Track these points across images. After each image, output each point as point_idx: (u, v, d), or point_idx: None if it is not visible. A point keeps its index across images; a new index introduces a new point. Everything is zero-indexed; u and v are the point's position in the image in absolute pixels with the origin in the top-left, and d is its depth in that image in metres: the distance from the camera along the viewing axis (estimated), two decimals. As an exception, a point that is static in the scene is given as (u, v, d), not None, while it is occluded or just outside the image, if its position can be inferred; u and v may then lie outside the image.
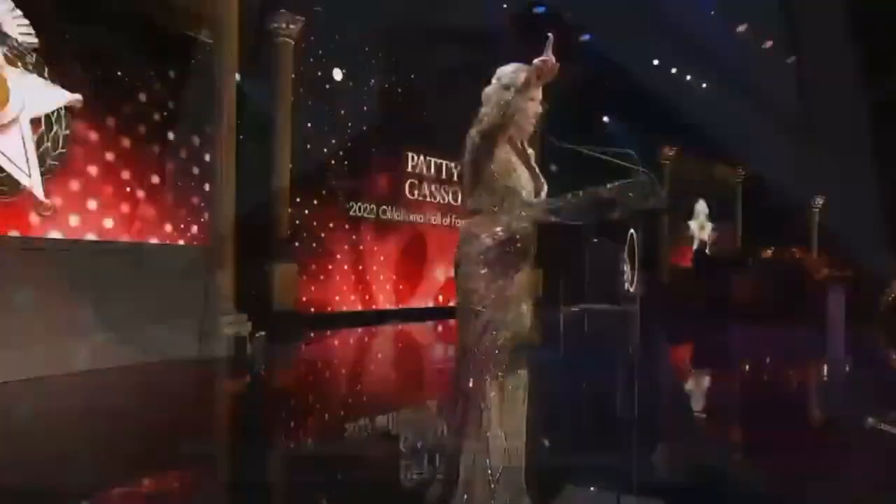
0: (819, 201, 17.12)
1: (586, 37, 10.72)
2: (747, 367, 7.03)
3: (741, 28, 12.06)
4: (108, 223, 5.67)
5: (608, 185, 2.15)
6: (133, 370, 5.31)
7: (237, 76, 6.72)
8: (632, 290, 2.37)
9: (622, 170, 2.18)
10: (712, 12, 10.91)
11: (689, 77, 13.05)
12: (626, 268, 2.37)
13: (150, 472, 3.03)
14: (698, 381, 6.19)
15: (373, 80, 9.43)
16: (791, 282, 12.29)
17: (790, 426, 4.07)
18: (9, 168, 5.05)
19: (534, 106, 2.28)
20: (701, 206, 16.45)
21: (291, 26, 7.89)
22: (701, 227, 16.39)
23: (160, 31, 6.05)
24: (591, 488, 2.68)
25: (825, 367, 7.19)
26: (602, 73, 11.11)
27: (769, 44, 12.60)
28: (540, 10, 9.86)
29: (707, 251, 15.28)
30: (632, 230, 2.46)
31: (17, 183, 5.09)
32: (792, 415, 4.55)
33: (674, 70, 12.80)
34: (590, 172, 2.48)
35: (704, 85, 13.40)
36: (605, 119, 13.32)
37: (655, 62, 12.25)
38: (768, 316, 11.28)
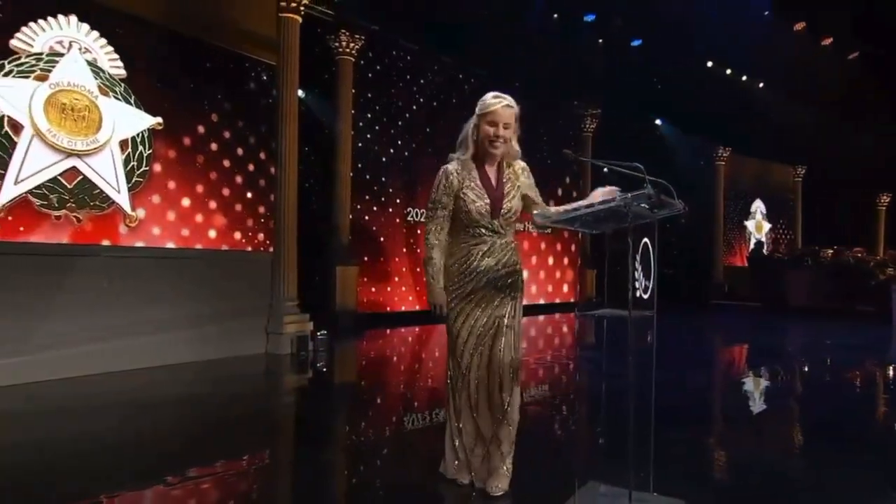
0: (885, 199, 16.47)
1: (636, 41, 10.76)
2: (806, 365, 7.03)
3: (799, 26, 11.81)
4: (185, 232, 6.26)
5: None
6: (209, 365, 5.88)
7: (300, 93, 7.21)
8: (645, 296, 2.57)
9: (636, 181, 2.35)
10: (766, 12, 10.75)
11: (744, 77, 12.85)
12: (640, 275, 2.56)
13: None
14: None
15: (426, 94, 9.83)
16: (851, 281, 12.00)
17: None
18: (101, 185, 5.69)
19: (488, 129, 2.59)
20: (758, 206, 16.12)
21: (352, 45, 8.36)
22: (758, 226, 16.06)
23: (230, 55, 6.61)
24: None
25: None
26: (654, 76, 11.14)
27: (829, 41, 12.28)
28: (589, 17, 9.99)
29: (764, 251, 14.98)
30: (646, 239, 2.63)
31: (108, 198, 5.73)
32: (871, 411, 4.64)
33: (728, 71, 12.64)
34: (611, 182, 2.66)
35: (761, 84, 13.17)
36: (658, 122, 13.28)
37: (709, 63, 12.14)
38: (826, 315, 11.09)
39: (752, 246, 15.55)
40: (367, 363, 6.82)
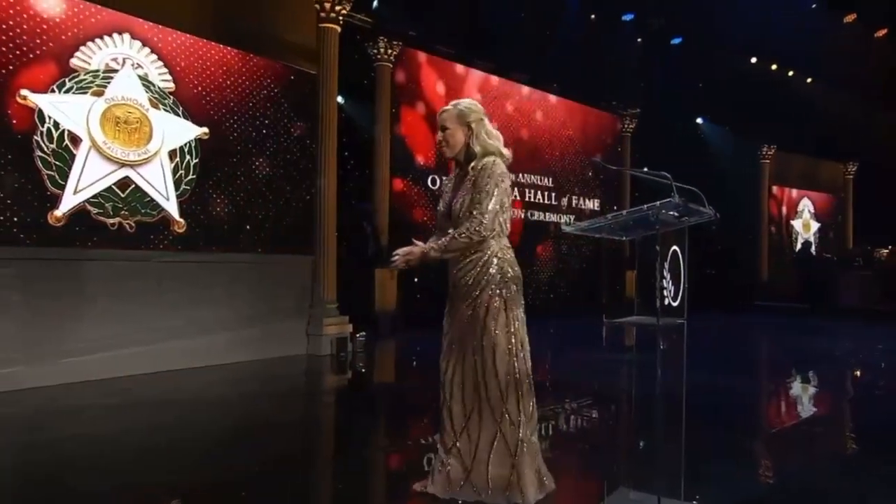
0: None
1: (677, 39, 10.60)
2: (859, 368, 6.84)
3: (849, 17, 11.42)
4: (229, 237, 6.50)
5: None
6: (252, 365, 6.12)
7: (340, 99, 7.39)
8: (675, 304, 2.58)
9: (664, 189, 2.37)
10: (814, 4, 10.45)
11: (791, 72, 12.50)
12: (669, 283, 2.57)
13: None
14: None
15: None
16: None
17: None
18: (152, 193, 5.97)
19: (437, 135, 2.76)
20: (805, 204, 15.62)
21: (389, 51, 8.50)
22: (805, 225, 15.57)
23: (272, 66, 6.83)
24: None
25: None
26: (695, 74, 10.96)
27: (883, 32, 11.84)
28: (628, 17, 9.90)
29: (812, 251, 14.53)
30: (675, 247, 2.64)
31: (157, 205, 6.00)
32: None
33: (774, 66, 12.32)
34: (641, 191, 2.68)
35: (809, 80, 12.78)
36: (699, 120, 13.03)
37: (753, 60, 11.86)
38: (879, 317, 10.71)
39: (799, 246, 15.10)
40: (406, 365, 6.95)
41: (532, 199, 11.01)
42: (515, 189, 10.68)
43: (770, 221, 14.51)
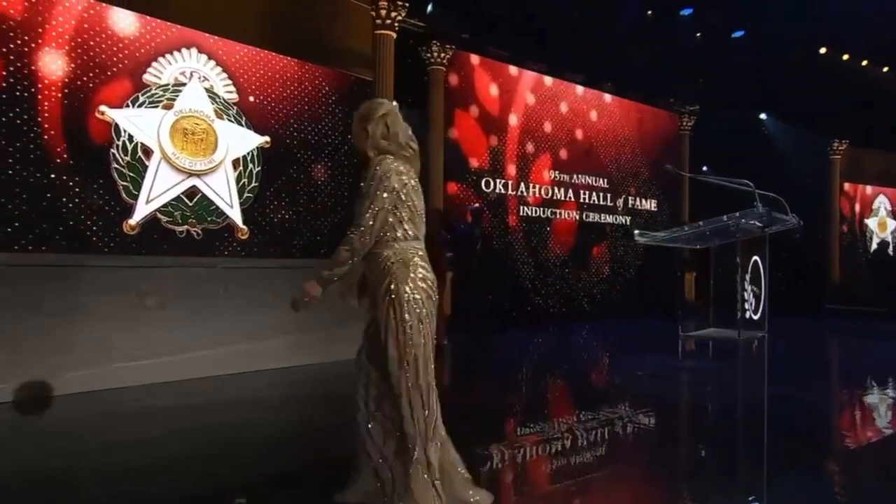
0: None
1: (739, 32, 10.22)
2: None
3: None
4: (291, 243, 6.68)
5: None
6: (313, 368, 6.26)
7: (394, 104, 7.47)
8: (756, 317, 2.49)
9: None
10: (889, -9, 9.85)
11: (864, 62, 11.84)
12: (751, 296, 2.48)
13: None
14: None
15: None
16: None
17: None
18: (217, 201, 6.20)
19: None
20: (881, 202, 14.79)
21: (442, 55, 8.55)
22: (881, 224, 14.74)
23: (329, 73, 6.97)
24: None
25: None
26: (758, 68, 10.54)
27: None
28: (686, 11, 9.61)
29: (889, 251, 13.75)
30: (756, 257, 2.55)
31: (222, 213, 6.23)
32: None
33: (846, 56, 11.69)
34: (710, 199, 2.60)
35: (885, 69, 12.08)
36: (763, 116, 12.53)
37: (822, 50, 11.29)
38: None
39: (874, 246, 14.31)
40: (461, 368, 6.97)
41: (587, 201, 10.85)
42: (569, 190, 10.56)
43: (842, 220, 13.81)
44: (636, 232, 2.39)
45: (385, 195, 2.33)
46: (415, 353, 2.36)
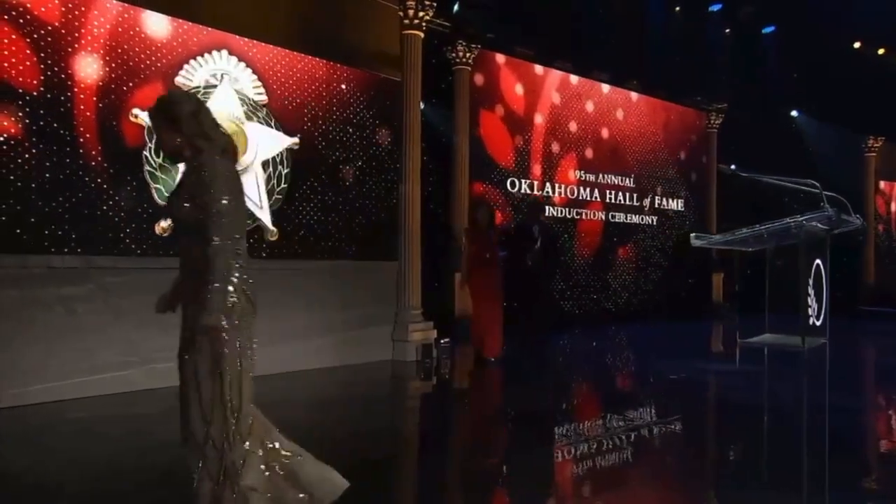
0: None
1: (769, 28, 10.03)
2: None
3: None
4: (320, 245, 6.66)
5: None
6: (340, 370, 6.25)
7: (421, 105, 7.41)
8: (818, 323, 2.39)
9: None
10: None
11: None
12: (813, 301, 2.36)
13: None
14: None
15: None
16: None
17: None
18: (247, 203, 6.19)
19: None
20: (918, 201, 14.45)
21: (468, 55, 8.48)
22: (919, 224, 14.40)
23: (358, 74, 6.94)
24: None
25: None
26: (790, 64, 10.34)
27: None
28: (715, 7, 9.45)
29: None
30: (818, 260, 2.43)
31: (253, 215, 6.22)
32: None
33: (881, 50, 11.41)
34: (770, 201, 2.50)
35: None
36: (794, 113, 12.27)
37: (857, 45, 11.04)
38: None
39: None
40: (490, 372, 6.91)
41: (612, 201, 10.72)
42: (595, 190, 10.43)
43: (877, 219, 13.49)
44: (693, 235, 2.32)
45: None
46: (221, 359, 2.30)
